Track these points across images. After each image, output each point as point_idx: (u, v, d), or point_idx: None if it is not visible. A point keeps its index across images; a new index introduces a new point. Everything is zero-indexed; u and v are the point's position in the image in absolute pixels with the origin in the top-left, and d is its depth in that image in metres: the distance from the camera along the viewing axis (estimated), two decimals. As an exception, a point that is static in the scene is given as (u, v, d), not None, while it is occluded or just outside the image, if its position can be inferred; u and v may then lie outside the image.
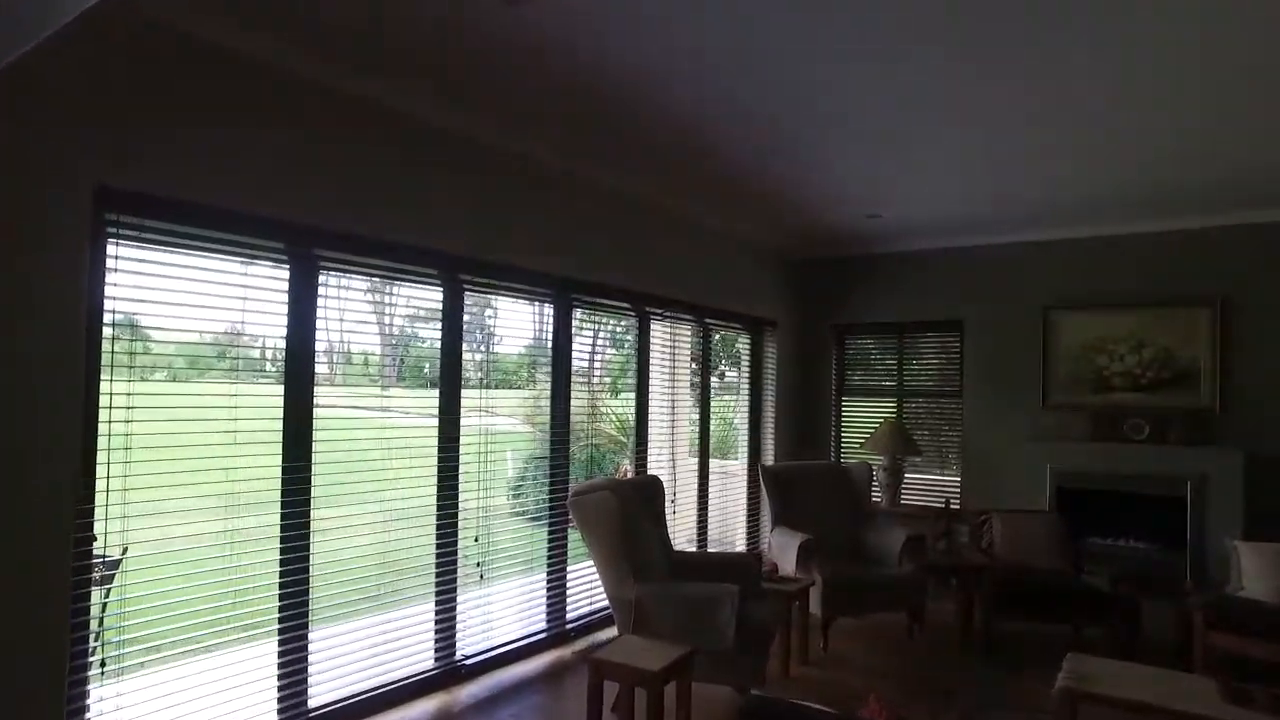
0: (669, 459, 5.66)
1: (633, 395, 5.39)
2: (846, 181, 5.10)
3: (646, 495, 4.43)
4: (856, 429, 7.23)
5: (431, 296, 4.03)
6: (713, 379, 6.32)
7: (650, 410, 5.47)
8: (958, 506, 6.52)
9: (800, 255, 7.34)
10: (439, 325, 4.04)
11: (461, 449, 4.09)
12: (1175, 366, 5.81)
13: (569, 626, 4.79)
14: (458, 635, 4.11)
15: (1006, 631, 4.97)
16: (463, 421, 4.11)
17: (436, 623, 4.02)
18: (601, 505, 3.94)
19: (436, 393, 4.05)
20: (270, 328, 3.39)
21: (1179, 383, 5.80)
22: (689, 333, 6.00)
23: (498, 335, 4.63)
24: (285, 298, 3.38)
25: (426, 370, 4.29)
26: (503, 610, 4.46)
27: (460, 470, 4.08)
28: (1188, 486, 5.49)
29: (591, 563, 4.18)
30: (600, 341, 5.83)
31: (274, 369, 3.47)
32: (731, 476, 6.62)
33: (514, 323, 4.83)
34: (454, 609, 4.08)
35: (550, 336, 4.72)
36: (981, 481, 6.43)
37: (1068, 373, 6.18)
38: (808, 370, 7.37)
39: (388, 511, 3.81)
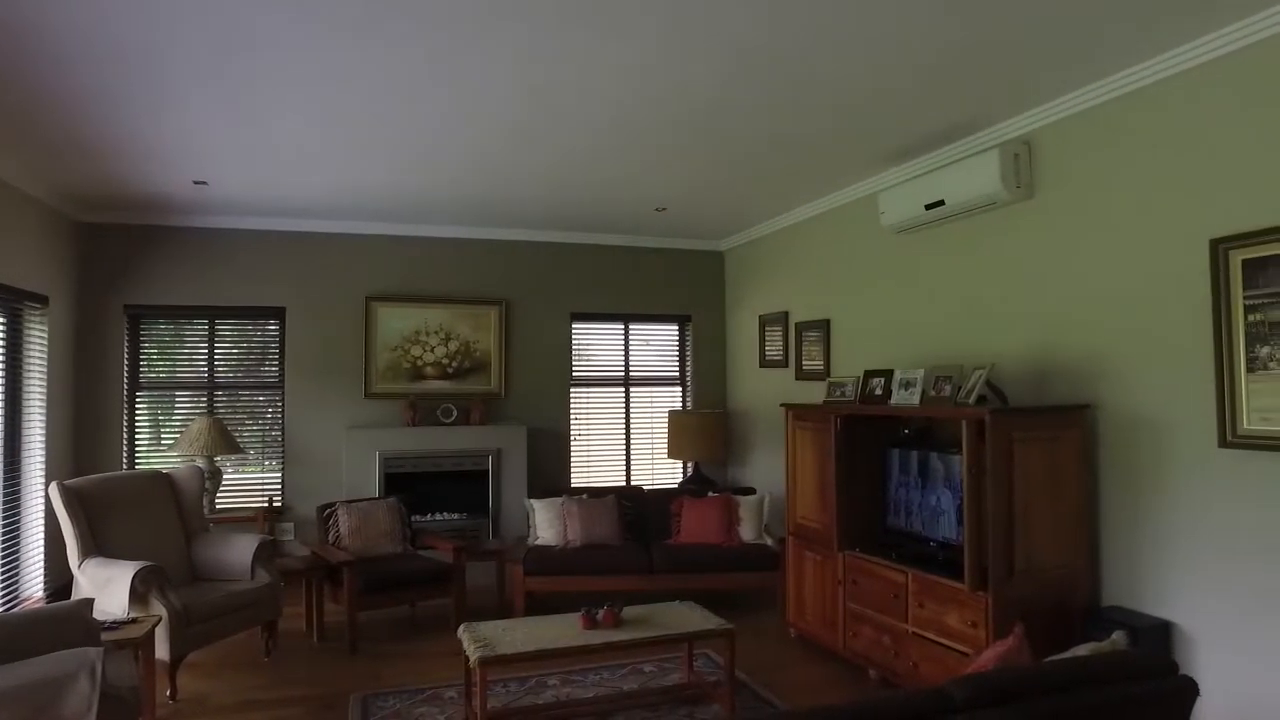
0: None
1: None
2: (167, 133, 4.21)
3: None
4: (157, 429, 6.17)
5: None
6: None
7: None
8: (281, 504, 6.22)
9: (94, 217, 5.85)
10: None
11: None
12: (474, 357, 6.74)
13: None
14: None
15: (358, 621, 4.99)
16: None
17: None
18: None
19: None
20: None
21: (477, 371, 6.75)
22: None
23: None
24: None
25: None
26: None
27: None
28: (489, 460, 6.44)
29: None
30: None
31: None
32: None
33: None
34: None
35: None
36: (309, 474, 6.26)
37: (388, 362, 6.53)
38: (92, 360, 5.92)
39: None
